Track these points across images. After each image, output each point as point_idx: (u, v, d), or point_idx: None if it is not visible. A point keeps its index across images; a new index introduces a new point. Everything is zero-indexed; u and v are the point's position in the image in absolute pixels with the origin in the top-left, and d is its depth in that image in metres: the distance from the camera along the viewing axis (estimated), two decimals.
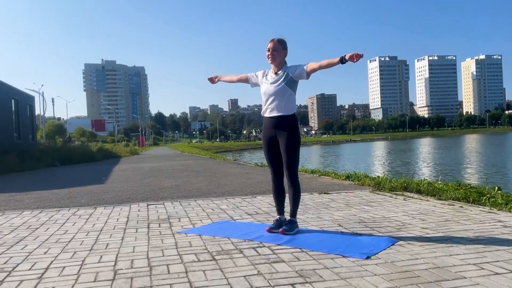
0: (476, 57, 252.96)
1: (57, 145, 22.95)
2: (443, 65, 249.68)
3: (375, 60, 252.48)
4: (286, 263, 2.69)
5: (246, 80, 3.84)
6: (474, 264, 2.55)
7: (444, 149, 44.31)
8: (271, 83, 3.55)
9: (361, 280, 2.35)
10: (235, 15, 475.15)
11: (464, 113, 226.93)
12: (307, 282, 2.33)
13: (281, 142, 3.53)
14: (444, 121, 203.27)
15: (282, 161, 3.57)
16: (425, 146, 55.32)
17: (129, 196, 6.44)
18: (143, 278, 2.47)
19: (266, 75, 3.64)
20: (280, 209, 3.70)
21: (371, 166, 25.71)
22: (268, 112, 3.56)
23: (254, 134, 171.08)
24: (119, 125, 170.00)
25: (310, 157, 41.73)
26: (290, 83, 3.51)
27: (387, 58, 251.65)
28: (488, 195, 5.13)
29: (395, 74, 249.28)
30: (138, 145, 69.52)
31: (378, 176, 7.45)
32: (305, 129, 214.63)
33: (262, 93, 3.61)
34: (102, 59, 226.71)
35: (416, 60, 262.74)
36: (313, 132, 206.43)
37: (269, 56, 3.56)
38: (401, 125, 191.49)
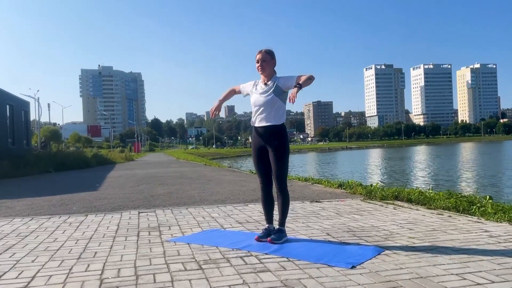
0: (471, 66, 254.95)
1: (52, 151, 22.83)
2: (438, 73, 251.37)
3: (371, 68, 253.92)
4: (272, 273, 2.71)
5: (239, 92, 3.89)
6: (456, 274, 2.59)
7: (438, 158, 44.49)
8: (261, 94, 3.59)
9: None
10: (233, 21, 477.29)
11: (459, 121, 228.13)
12: None
13: (270, 151, 3.56)
14: (440, 129, 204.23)
15: (271, 171, 3.61)
16: (420, 154, 55.52)
17: (121, 203, 6.44)
18: (129, 287, 2.49)
19: (256, 85, 3.69)
20: (268, 218, 3.73)
21: (366, 174, 25.78)
22: (258, 122, 3.60)
23: (250, 140, 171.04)
24: (115, 131, 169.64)
25: (305, 164, 41.79)
26: (279, 93, 3.55)
27: (383, 66, 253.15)
28: (478, 205, 5.18)
29: (391, 82, 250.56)
30: (134, 151, 69.45)
31: (371, 185, 7.49)
32: (301, 136, 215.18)
33: (252, 103, 3.66)
34: (99, 65, 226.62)
35: (411, 69, 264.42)
36: (309, 139, 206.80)
37: (259, 67, 3.61)
38: (396, 132, 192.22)
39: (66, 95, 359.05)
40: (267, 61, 3.60)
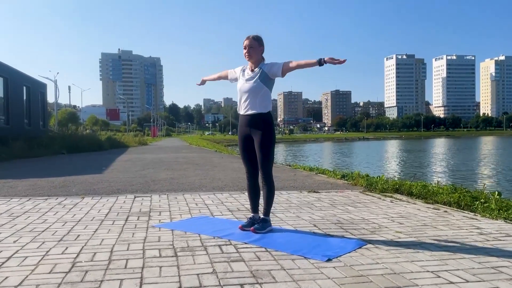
0: (496, 58, 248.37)
1: (66, 133, 23.16)
2: (461, 65, 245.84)
3: (392, 58, 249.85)
4: (245, 263, 2.69)
5: (226, 77, 3.84)
6: (432, 271, 2.52)
7: (456, 151, 43.71)
8: (247, 80, 3.53)
9: (311, 283, 2.33)
10: (252, 6, 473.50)
11: (481, 115, 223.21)
12: (257, 283, 2.32)
13: (255, 140, 3.51)
14: (460, 122, 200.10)
15: (257, 160, 3.56)
16: (438, 147, 54.65)
17: (120, 187, 6.49)
18: (98, 272, 2.49)
19: (243, 72, 3.63)
20: (254, 207, 3.69)
21: (378, 165, 25.51)
22: (243, 110, 3.55)
23: None
24: (133, 115, 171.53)
25: (316, 154, 41.61)
26: (265, 80, 3.49)
27: (404, 56, 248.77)
28: (482, 200, 5.05)
29: (412, 73, 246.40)
30: (151, 135, 70.25)
31: (378, 176, 7.37)
32: (318, 125, 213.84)
33: (238, 90, 3.60)
34: (119, 49, 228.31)
35: (434, 59, 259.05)
36: (326, 128, 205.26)
37: (246, 53, 3.54)
38: (415, 124, 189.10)
39: (87, 78, 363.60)
40: (255, 47, 3.53)
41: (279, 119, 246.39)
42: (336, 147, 58.05)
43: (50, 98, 37.04)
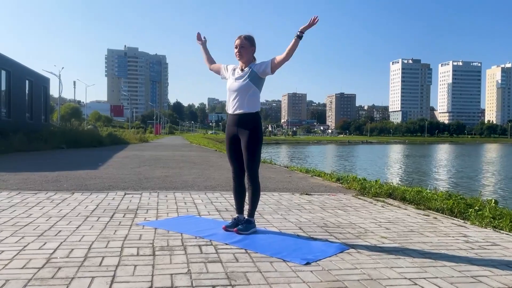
0: (502, 65, 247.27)
1: (67, 127, 23.17)
2: (467, 71, 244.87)
3: (398, 62, 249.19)
4: (221, 264, 2.65)
5: (218, 71, 3.79)
6: (409, 278, 2.48)
7: (459, 158, 43.52)
8: (236, 79, 3.51)
9: (285, 286, 2.30)
10: (259, 6, 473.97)
11: (486, 122, 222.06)
12: (230, 285, 2.29)
13: (242, 140, 3.48)
14: (464, 128, 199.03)
15: (243, 160, 3.52)
16: (441, 153, 54.43)
17: (112, 183, 6.47)
18: (71, 268, 2.46)
19: (234, 71, 3.60)
20: (239, 207, 3.66)
21: (378, 169, 25.41)
22: (231, 109, 3.52)
23: (269, 129, 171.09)
24: (138, 112, 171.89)
25: (320, 156, 41.53)
26: (254, 79, 3.46)
27: (410, 61, 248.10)
28: (476, 208, 5.01)
29: (417, 78, 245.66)
30: (155, 133, 70.41)
31: (374, 181, 7.32)
32: (321, 128, 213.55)
33: (227, 89, 3.57)
34: (125, 46, 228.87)
35: (440, 65, 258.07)
36: (330, 131, 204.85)
37: (237, 53, 3.51)
38: (419, 129, 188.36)
39: (93, 74, 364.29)
40: (246, 47, 3.50)
41: (282, 120, 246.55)
42: (338, 150, 57.92)
43: (54, 93, 37.20)
